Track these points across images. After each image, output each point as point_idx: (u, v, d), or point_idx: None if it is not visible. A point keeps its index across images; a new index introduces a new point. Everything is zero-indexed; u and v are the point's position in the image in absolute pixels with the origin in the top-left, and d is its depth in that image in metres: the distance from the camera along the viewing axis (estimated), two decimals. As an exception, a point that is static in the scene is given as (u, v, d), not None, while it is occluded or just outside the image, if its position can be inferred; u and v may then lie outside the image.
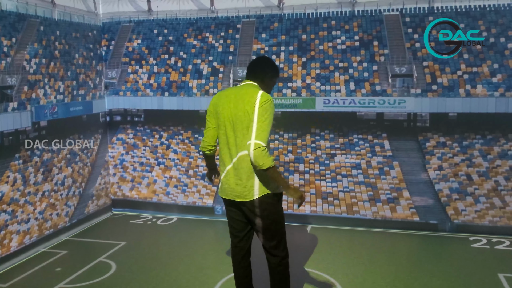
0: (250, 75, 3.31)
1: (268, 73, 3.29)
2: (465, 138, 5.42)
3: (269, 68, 3.30)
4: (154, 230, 5.82)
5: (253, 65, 3.33)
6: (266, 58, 3.40)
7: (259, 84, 3.27)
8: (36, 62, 5.13)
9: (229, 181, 3.21)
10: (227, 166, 3.21)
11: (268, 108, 3.03)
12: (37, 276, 4.49)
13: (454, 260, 4.73)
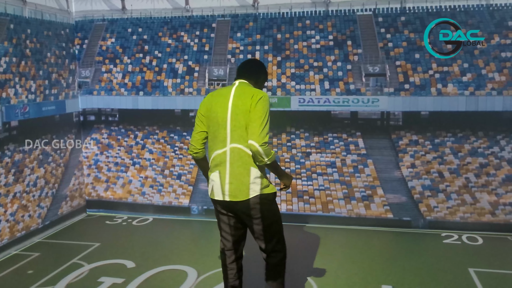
0: (244, 75, 3.31)
1: (262, 75, 3.38)
2: (436, 136, 5.52)
3: (263, 71, 3.39)
4: (129, 230, 5.77)
5: (248, 66, 3.36)
6: (260, 61, 3.47)
7: (253, 84, 3.31)
8: (6, 61, 5.03)
9: (222, 181, 3.16)
10: (220, 165, 3.16)
11: (265, 105, 3.08)
12: (8, 279, 4.41)
13: (426, 256, 4.82)
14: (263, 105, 3.07)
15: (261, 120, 3.02)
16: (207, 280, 4.24)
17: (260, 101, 3.07)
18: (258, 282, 4.00)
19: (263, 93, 3.14)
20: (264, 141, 3.00)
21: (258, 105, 3.06)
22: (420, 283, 4.17)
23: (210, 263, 4.60)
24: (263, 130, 3.01)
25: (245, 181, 3.10)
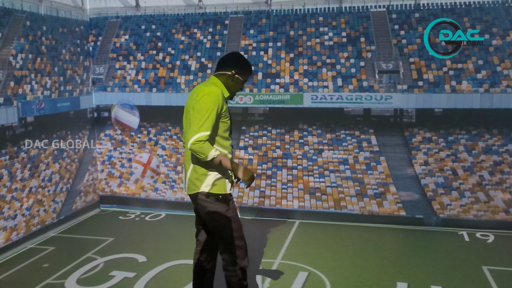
0: (216, 70, 3.23)
1: (233, 68, 3.15)
2: (450, 134, 5.49)
3: (235, 64, 3.17)
4: (142, 226, 5.82)
5: (221, 60, 3.25)
6: (236, 54, 3.29)
7: (225, 80, 3.17)
8: (22, 58, 5.09)
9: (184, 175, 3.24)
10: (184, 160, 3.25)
11: (206, 101, 2.96)
12: (24, 272, 4.48)
13: (439, 254, 4.80)
14: (205, 101, 2.96)
15: (199, 118, 2.94)
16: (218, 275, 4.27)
17: (202, 98, 2.98)
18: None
19: (210, 90, 3.01)
20: (197, 140, 2.91)
21: (199, 102, 2.98)
22: (433, 280, 4.15)
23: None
24: (199, 128, 2.92)
25: (190, 177, 3.13)
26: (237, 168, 3.05)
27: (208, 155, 2.93)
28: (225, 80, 3.18)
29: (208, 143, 2.94)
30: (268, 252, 4.84)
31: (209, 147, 2.94)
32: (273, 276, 4.27)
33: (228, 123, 3.15)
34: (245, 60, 3.22)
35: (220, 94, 3.04)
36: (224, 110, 3.07)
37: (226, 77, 3.17)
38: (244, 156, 6.06)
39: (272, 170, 5.98)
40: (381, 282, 4.13)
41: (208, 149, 2.93)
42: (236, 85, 3.21)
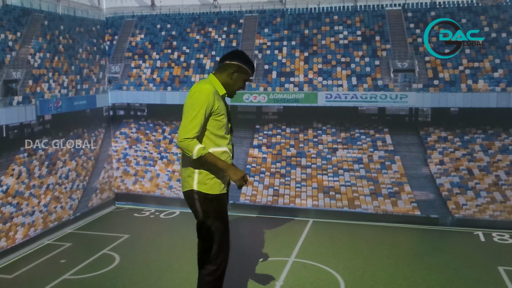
0: (216, 68, 3.23)
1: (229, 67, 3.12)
2: (466, 133, 5.45)
3: (235, 62, 3.13)
4: (157, 223, 5.87)
5: (222, 58, 3.22)
6: (237, 52, 3.25)
7: (224, 78, 3.14)
8: (40, 57, 5.17)
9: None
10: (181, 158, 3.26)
11: (197, 98, 2.94)
12: (42, 267, 4.56)
13: (454, 254, 4.77)
14: (194, 98, 2.95)
15: (187, 115, 2.93)
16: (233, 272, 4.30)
17: (193, 96, 2.96)
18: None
19: (201, 87, 2.98)
20: (184, 137, 2.90)
21: (189, 99, 2.98)
22: (448, 280, 4.13)
23: (236, 255, 4.65)
24: (187, 125, 2.91)
25: (183, 174, 3.14)
26: (226, 168, 2.98)
27: (194, 152, 2.91)
28: (224, 78, 3.14)
29: (195, 141, 2.92)
30: (281, 251, 4.85)
31: (195, 144, 2.91)
32: (287, 274, 4.29)
33: (223, 121, 3.07)
34: (245, 58, 3.17)
35: (212, 91, 2.98)
36: (217, 107, 3.00)
37: (225, 75, 3.14)
38: (258, 154, 6.08)
39: (286, 169, 5.99)
40: (396, 281, 4.12)
41: (195, 146, 2.91)
42: (236, 83, 3.17)
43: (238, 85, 3.19)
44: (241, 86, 3.21)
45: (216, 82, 3.13)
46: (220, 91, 3.12)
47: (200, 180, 3.05)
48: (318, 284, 4.08)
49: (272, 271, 4.34)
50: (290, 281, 4.14)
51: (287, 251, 4.85)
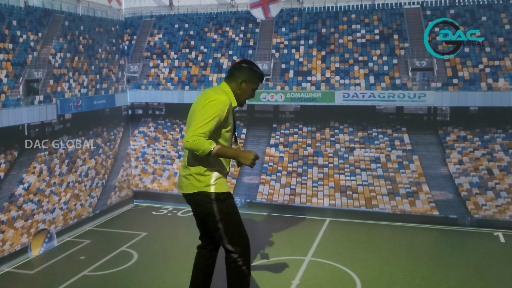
0: (226, 77, 3.27)
1: (240, 77, 3.18)
2: (486, 133, 5.37)
3: (243, 72, 3.19)
4: (174, 221, 5.93)
5: (230, 68, 3.27)
6: (244, 62, 3.27)
7: (233, 88, 3.20)
8: (61, 57, 5.26)
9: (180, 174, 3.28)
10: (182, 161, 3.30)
11: (212, 107, 2.98)
12: (62, 263, 4.64)
13: (474, 255, 4.71)
14: (211, 107, 2.97)
15: (199, 121, 2.94)
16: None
17: (209, 104, 2.99)
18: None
19: (218, 97, 3.02)
20: (195, 134, 2.90)
21: (205, 106, 2.99)
22: (467, 281, 4.09)
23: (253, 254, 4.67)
24: (196, 129, 2.91)
25: (186, 174, 3.16)
26: (237, 155, 3.04)
27: (205, 148, 2.92)
28: (234, 88, 3.21)
29: (203, 138, 2.93)
30: (298, 250, 4.86)
31: (204, 141, 2.93)
32: (303, 273, 4.29)
33: (230, 132, 3.17)
34: (253, 69, 3.21)
35: (228, 103, 3.05)
36: (228, 121, 3.09)
37: (234, 85, 3.20)
38: (275, 153, 6.09)
39: (303, 168, 5.98)
40: (413, 282, 4.09)
41: (204, 143, 2.92)
42: (244, 94, 3.22)
43: (247, 95, 3.25)
44: (250, 95, 3.26)
45: (230, 92, 3.19)
46: (233, 103, 3.18)
47: (211, 182, 3.11)
48: (335, 284, 4.07)
49: (289, 270, 4.34)
50: (307, 280, 4.14)
51: (304, 250, 4.85)
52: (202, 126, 2.93)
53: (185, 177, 3.18)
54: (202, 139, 2.92)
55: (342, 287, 4.00)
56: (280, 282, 4.10)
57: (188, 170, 3.16)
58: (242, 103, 3.26)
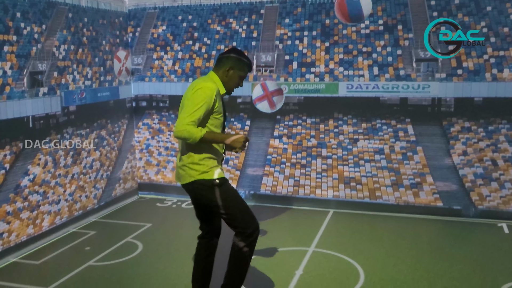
0: (214, 66, 3.28)
1: (225, 65, 3.18)
2: (490, 123, 5.35)
3: (230, 60, 3.18)
4: (179, 212, 5.96)
5: (219, 56, 3.27)
6: (233, 49, 3.27)
7: (221, 75, 3.20)
8: (65, 49, 5.27)
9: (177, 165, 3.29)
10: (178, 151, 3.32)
11: (199, 95, 2.99)
12: (67, 254, 4.68)
13: (477, 246, 4.71)
14: (199, 95, 2.99)
15: (188, 109, 2.96)
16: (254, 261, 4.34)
17: (196, 92, 3.01)
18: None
19: (206, 85, 3.04)
20: (184, 123, 2.93)
21: (193, 95, 3.01)
22: (470, 272, 4.09)
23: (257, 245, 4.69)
24: (186, 117, 2.94)
25: (182, 165, 3.18)
26: (228, 139, 3.06)
27: (195, 136, 2.95)
28: (221, 76, 3.21)
29: (193, 126, 2.95)
30: (302, 241, 4.88)
31: (193, 129, 2.95)
32: (306, 263, 4.31)
33: (220, 119, 3.18)
34: (241, 56, 3.22)
35: (215, 90, 3.06)
36: (217, 106, 3.10)
37: (221, 72, 3.20)
38: (278, 145, 6.10)
39: (306, 159, 5.99)
40: (417, 273, 4.10)
41: (194, 130, 2.95)
42: (231, 81, 3.22)
43: (234, 82, 3.24)
44: (237, 83, 3.25)
45: (217, 80, 3.20)
46: (221, 90, 3.19)
47: (205, 169, 3.12)
48: (338, 274, 4.09)
49: (292, 260, 4.37)
50: (310, 271, 4.16)
51: (307, 241, 4.87)
52: (191, 115, 2.95)
53: (181, 168, 3.20)
54: (191, 127, 2.94)
55: (346, 278, 4.02)
56: (283, 272, 4.12)
57: (183, 161, 3.18)
58: (230, 91, 3.26)
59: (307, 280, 3.97)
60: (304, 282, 3.93)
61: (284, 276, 4.04)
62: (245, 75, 3.26)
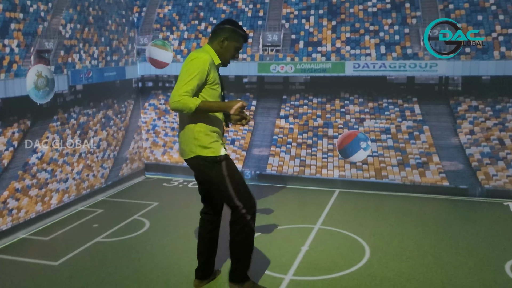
0: (209, 39, 3.25)
1: (220, 36, 3.15)
2: (498, 102, 5.31)
3: (225, 31, 3.16)
4: (185, 192, 5.99)
5: (214, 28, 3.24)
6: (228, 20, 3.23)
7: (216, 47, 3.17)
8: (71, 27, 5.28)
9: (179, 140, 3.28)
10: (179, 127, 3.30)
11: (192, 65, 2.98)
12: (76, 231, 4.74)
13: (483, 224, 4.71)
14: (191, 65, 2.98)
15: (181, 80, 2.95)
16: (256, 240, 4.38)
17: (190, 62, 3.00)
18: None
19: (199, 55, 3.02)
20: (179, 94, 2.91)
21: (187, 65, 3.01)
22: (476, 248, 4.10)
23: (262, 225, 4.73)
24: (180, 88, 2.92)
25: (183, 140, 3.17)
26: (224, 106, 3.04)
27: (191, 105, 2.93)
28: (216, 47, 3.18)
29: (187, 96, 2.93)
30: (307, 219, 4.90)
31: (189, 99, 2.93)
32: (312, 240, 4.34)
33: (218, 90, 3.15)
34: (236, 27, 3.19)
35: (209, 60, 3.04)
36: (212, 76, 3.08)
37: (216, 43, 3.18)
38: (285, 125, 6.10)
39: (312, 139, 5.99)
40: (422, 248, 4.11)
41: (189, 101, 2.93)
42: (227, 52, 3.19)
43: (230, 54, 3.21)
44: (233, 54, 3.23)
45: (211, 51, 3.18)
46: (216, 61, 3.17)
47: (204, 145, 3.11)
48: (343, 250, 4.12)
49: (298, 237, 4.40)
50: (316, 246, 4.19)
51: (313, 219, 4.89)
52: (185, 85, 2.94)
53: (182, 143, 3.20)
54: (186, 98, 2.93)
55: (351, 253, 4.04)
56: (289, 248, 4.15)
57: (184, 136, 3.17)
58: (225, 62, 3.24)
59: (313, 256, 4.00)
60: (310, 258, 3.96)
61: (290, 252, 4.07)
62: (240, 46, 3.23)
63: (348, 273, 3.67)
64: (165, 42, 6.25)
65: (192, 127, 3.12)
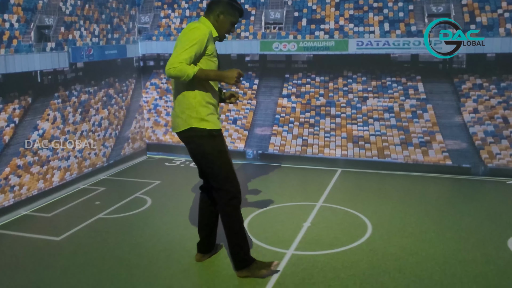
0: (205, 12, 3.21)
1: (216, 9, 3.11)
2: (503, 80, 5.25)
3: (220, 5, 3.11)
4: (187, 171, 5.99)
5: (209, 2, 3.19)
6: None
7: (212, 21, 3.13)
8: (71, 4, 5.22)
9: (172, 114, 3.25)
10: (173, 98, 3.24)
11: (191, 34, 2.95)
12: (78, 208, 4.74)
13: (486, 202, 4.70)
14: (191, 34, 2.94)
15: (180, 47, 2.90)
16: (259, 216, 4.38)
17: (190, 31, 2.96)
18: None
19: (197, 25, 3.00)
20: (177, 61, 2.85)
21: (185, 34, 2.96)
22: (479, 225, 4.09)
23: (264, 203, 4.72)
24: (177, 56, 2.86)
25: (178, 111, 3.11)
26: (221, 75, 2.99)
27: (188, 72, 2.87)
28: (212, 21, 3.14)
29: (185, 64, 2.88)
30: (310, 197, 4.89)
31: (186, 66, 2.88)
32: (314, 217, 4.33)
33: (215, 63, 3.12)
34: (231, 1, 3.15)
35: (207, 31, 3.00)
36: (210, 48, 3.04)
37: (212, 17, 3.14)
38: (287, 104, 6.06)
39: (315, 119, 5.95)
40: (424, 225, 4.10)
41: (186, 68, 2.87)
42: (222, 26, 3.15)
43: (225, 28, 3.17)
44: (228, 29, 3.19)
45: (209, 24, 3.14)
46: (214, 33, 3.13)
47: (201, 116, 3.06)
48: (345, 226, 4.11)
49: (300, 214, 4.39)
50: (318, 223, 4.18)
51: (315, 197, 4.88)
52: (184, 52, 2.89)
53: (177, 116, 3.14)
54: (184, 65, 2.87)
55: (353, 229, 4.04)
56: (291, 224, 4.15)
57: (179, 107, 3.11)
58: (221, 37, 3.20)
59: (315, 232, 3.99)
60: (312, 234, 3.96)
61: (292, 227, 4.07)
62: (236, 20, 3.20)
63: (350, 248, 3.67)
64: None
65: (189, 96, 3.06)
